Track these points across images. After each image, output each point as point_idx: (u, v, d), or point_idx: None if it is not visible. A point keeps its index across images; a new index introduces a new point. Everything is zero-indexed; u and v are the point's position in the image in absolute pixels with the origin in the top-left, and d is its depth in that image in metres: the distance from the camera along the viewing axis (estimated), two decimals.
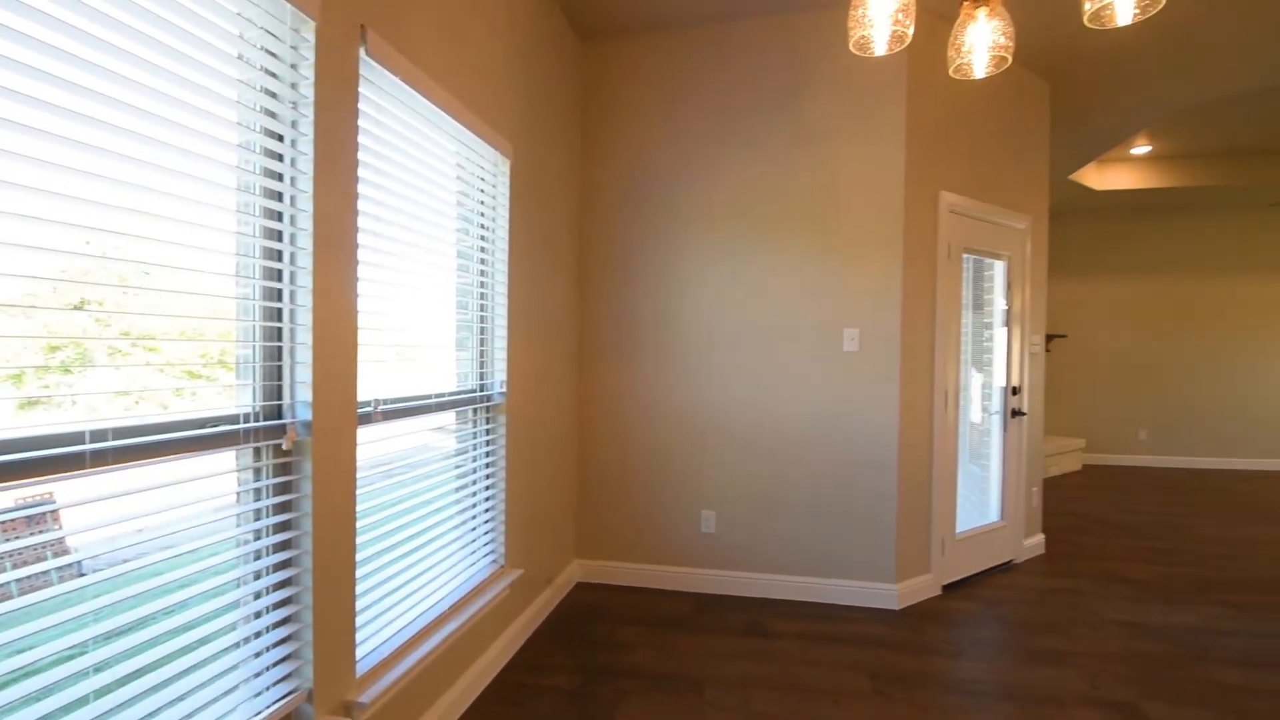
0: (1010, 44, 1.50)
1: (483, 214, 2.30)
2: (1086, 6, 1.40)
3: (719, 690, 2.24)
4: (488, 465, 2.37)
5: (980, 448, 3.57)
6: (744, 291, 3.08)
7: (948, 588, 3.20)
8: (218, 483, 1.27)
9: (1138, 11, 1.44)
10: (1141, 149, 5.45)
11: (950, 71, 1.57)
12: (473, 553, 2.28)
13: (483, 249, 2.32)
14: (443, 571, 2.07)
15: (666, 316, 3.17)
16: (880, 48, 1.47)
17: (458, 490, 2.20)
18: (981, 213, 3.31)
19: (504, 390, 2.40)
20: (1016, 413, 3.56)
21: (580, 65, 3.23)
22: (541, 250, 2.78)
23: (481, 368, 2.35)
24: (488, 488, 2.37)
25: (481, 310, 2.33)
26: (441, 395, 2.03)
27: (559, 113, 2.97)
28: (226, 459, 1.29)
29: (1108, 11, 1.46)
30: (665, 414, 3.17)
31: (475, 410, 2.32)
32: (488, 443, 2.38)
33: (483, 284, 2.33)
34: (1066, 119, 4.29)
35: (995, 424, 3.54)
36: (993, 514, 3.52)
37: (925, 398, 3.07)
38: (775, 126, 3.03)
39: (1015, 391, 3.57)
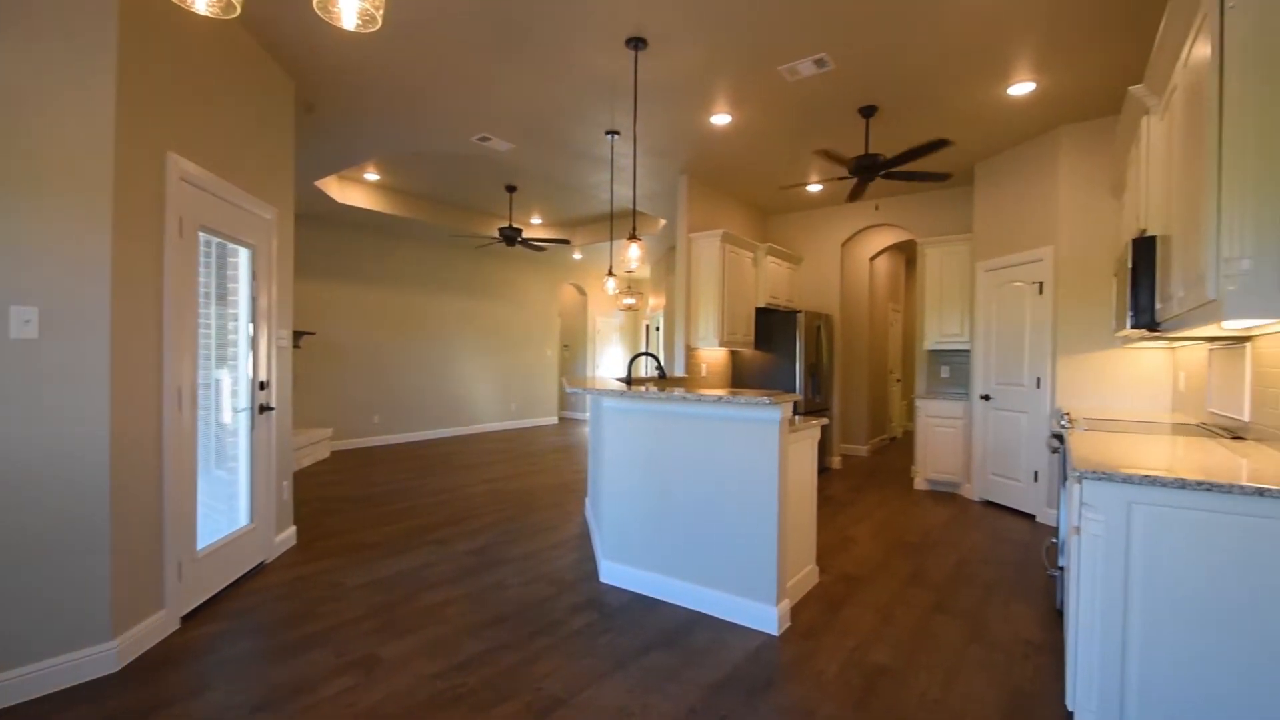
0: None
1: None
2: None
3: None
4: None
5: (228, 449, 3.26)
6: None
7: (190, 616, 2.75)
8: None
9: (359, 23, 1.55)
10: (373, 175, 6.40)
11: None
12: None
13: None
14: None
15: None
16: None
17: None
18: (224, 192, 3.00)
19: None
20: (265, 408, 3.45)
21: None
22: None
23: None
24: None
25: None
26: None
27: None
28: None
29: (335, 8, 1.51)
30: None
31: None
32: None
33: None
34: (310, 123, 4.52)
35: (244, 422, 3.31)
36: (242, 518, 3.29)
37: (153, 399, 2.52)
38: None
39: (264, 386, 3.45)
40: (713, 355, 6.06)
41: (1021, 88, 3.85)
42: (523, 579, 3.28)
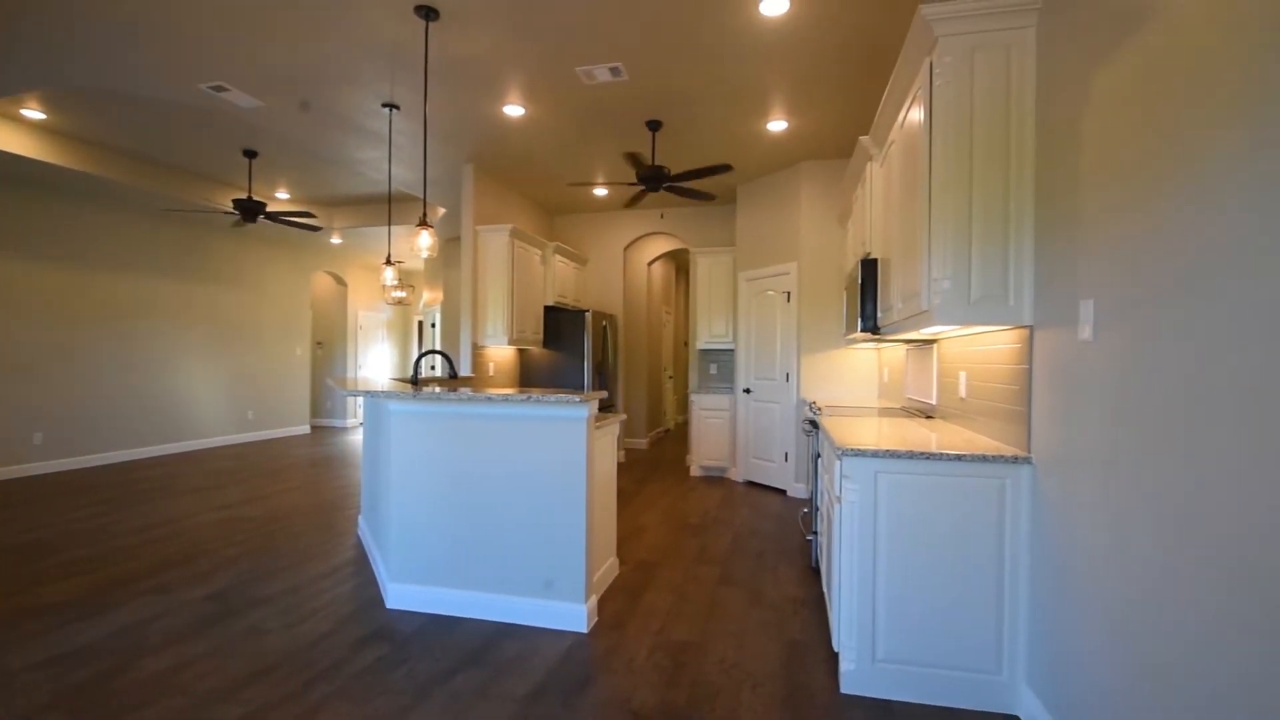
0: None
1: None
2: None
3: None
4: None
5: None
6: None
7: None
8: None
9: None
10: (35, 113, 4.80)
11: None
12: None
13: None
14: None
15: None
16: None
17: None
18: None
19: None
20: None
21: None
22: None
23: None
24: None
25: None
26: None
27: None
28: None
29: None
30: None
31: None
32: None
33: None
34: None
35: None
36: None
37: None
38: None
39: None
40: (501, 354, 5.87)
41: (777, 125, 4.48)
42: (287, 619, 2.77)
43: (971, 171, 2.10)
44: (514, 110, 4.27)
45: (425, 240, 3.11)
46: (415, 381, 3.55)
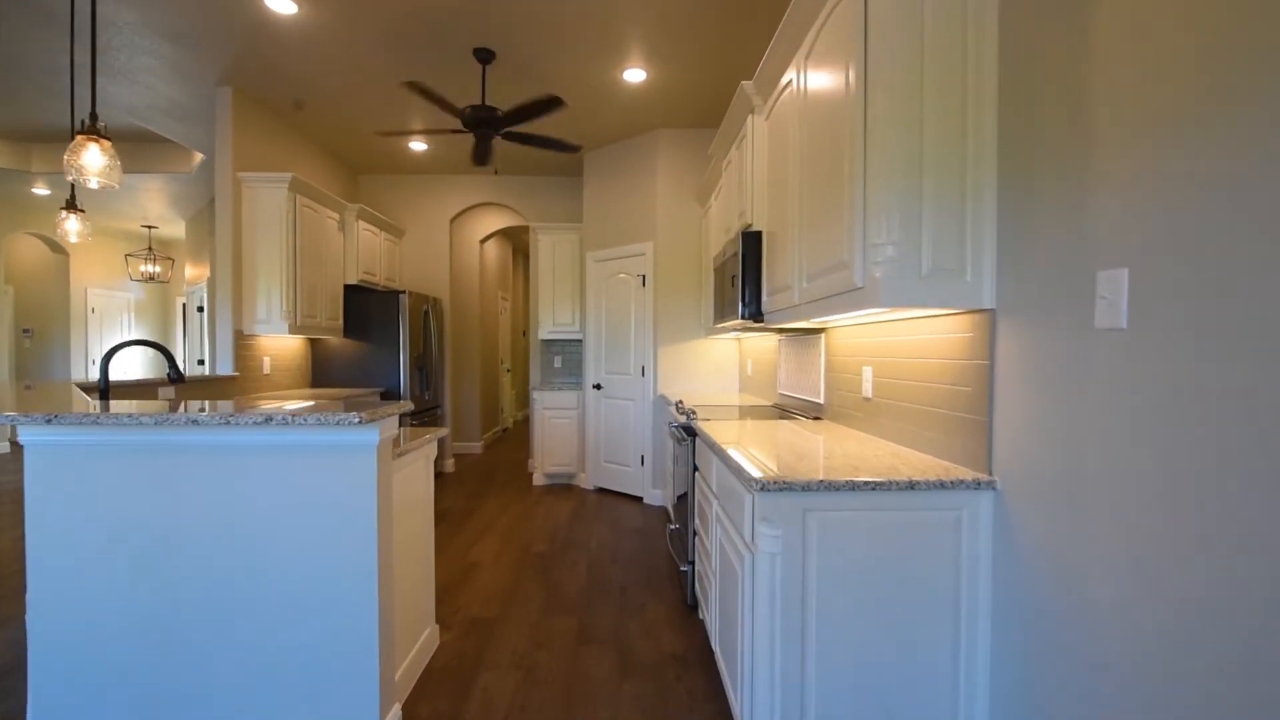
0: None
1: None
2: None
3: None
4: None
5: None
6: None
7: None
8: None
9: None
10: None
11: None
12: None
13: None
14: None
15: None
16: None
17: None
18: None
19: None
20: None
21: None
22: None
23: None
24: None
25: None
26: None
27: None
28: None
29: None
30: None
31: None
32: None
33: None
34: None
35: None
36: None
37: None
38: None
39: None
40: (281, 345, 4.51)
41: (634, 74, 3.80)
42: None
43: (923, 98, 1.56)
44: (283, 6, 3.06)
45: (94, 159, 1.88)
46: (105, 391, 2.29)
